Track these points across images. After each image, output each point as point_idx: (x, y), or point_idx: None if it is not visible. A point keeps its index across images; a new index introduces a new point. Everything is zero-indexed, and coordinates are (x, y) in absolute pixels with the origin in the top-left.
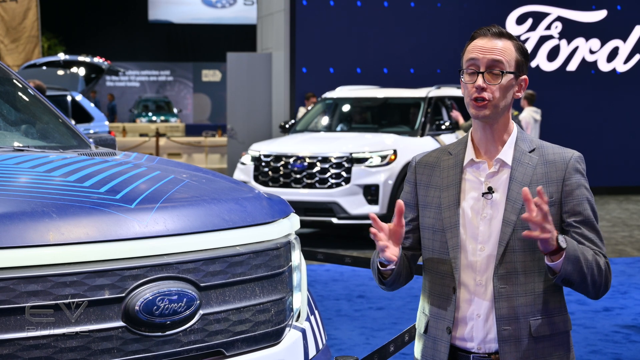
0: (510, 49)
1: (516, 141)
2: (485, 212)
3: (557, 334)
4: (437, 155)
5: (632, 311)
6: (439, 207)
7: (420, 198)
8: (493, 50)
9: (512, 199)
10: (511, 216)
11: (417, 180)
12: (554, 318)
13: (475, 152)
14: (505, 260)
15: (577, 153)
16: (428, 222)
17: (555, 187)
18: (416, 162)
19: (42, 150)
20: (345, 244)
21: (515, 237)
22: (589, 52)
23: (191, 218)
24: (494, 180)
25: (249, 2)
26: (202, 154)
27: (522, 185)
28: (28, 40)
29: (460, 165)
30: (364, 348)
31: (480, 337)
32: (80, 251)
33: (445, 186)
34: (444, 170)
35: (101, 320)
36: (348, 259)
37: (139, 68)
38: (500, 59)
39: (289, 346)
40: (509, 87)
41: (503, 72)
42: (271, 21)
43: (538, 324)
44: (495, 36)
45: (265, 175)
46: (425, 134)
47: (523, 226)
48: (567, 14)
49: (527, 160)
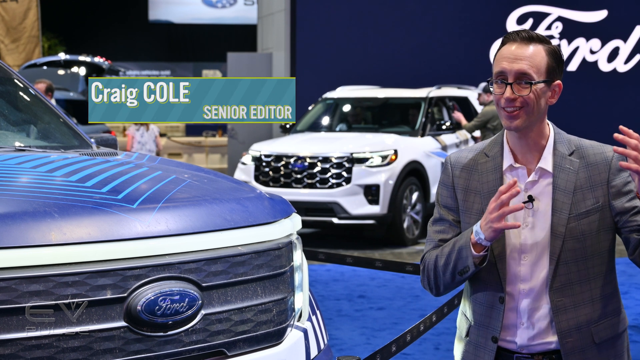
0: (540, 55)
1: (554, 145)
2: (527, 221)
3: (618, 335)
4: (473, 157)
5: (632, 311)
6: (481, 213)
7: (460, 203)
8: (521, 59)
9: (558, 209)
10: (559, 228)
11: (454, 184)
12: (613, 319)
13: (514, 157)
14: (559, 273)
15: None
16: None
17: (600, 191)
18: (452, 164)
19: (44, 150)
20: (346, 244)
21: (565, 248)
22: (590, 52)
23: (193, 218)
24: (534, 188)
25: (250, 2)
26: (203, 154)
27: (567, 193)
28: (28, 40)
29: (500, 170)
30: (365, 348)
31: (524, 343)
32: (82, 251)
33: (486, 192)
34: (482, 174)
35: (103, 320)
36: (349, 259)
37: (139, 68)
38: (528, 70)
39: (291, 346)
40: (540, 96)
41: (532, 83)
42: (271, 21)
43: (599, 329)
44: (525, 41)
45: (266, 175)
46: (425, 134)
47: (572, 236)
48: (567, 14)
49: (569, 165)
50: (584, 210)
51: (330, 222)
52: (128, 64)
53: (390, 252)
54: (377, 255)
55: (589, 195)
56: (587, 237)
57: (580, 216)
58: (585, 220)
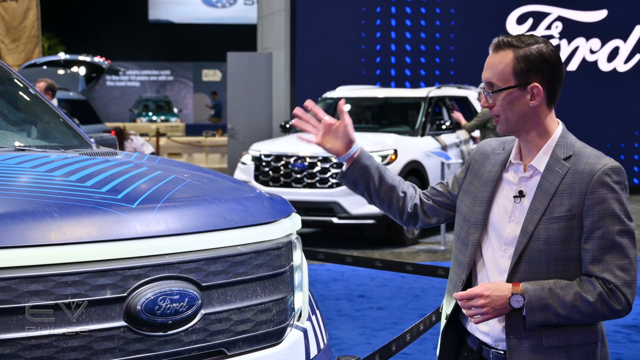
0: (505, 62)
1: (554, 147)
2: (514, 215)
3: (574, 346)
4: (494, 147)
5: (632, 311)
6: (475, 199)
7: (465, 183)
8: (487, 68)
9: (534, 209)
10: (529, 226)
11: (470, 165)
12: (571, 329)
13: (520, 154)
14: (519, 270)
15: (611, 164)
16: (463, 209)
17: (577, 200)
18: (478, 147)
19: (44, 150)
20: (346, 243)
21: (530, 247)
22: (590, 52)
23: (193, 218)
24: (526, 185)
25: (249, 2)
26: (203, 153)
27: (546, 195)
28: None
29: (504, 164)
30: (365, 348)
31: (495, 336)
32: (81, 251)
33: (484, 180)
34: (492, 164)
35: (103, 320)
36: (349, 258)
37: (139, 68)
38: (491, 79)
39: (291, 346)
40: (512, 101)
41: (493, 92)
42: (271, 21)
43: (550, 335)
44: (495, 49)
45: (266, 175)
46: (425, 133)
47: (539, 238)
48: (567, 13)
49: (558, 169)
50: (557, 215)
51: (330, 221)
52: (128, 64)
53: (390, 252)
54: (377, 255)
55: (566, 201)
56: (553, 242)
57: (551, 220)
58: (555, 226)
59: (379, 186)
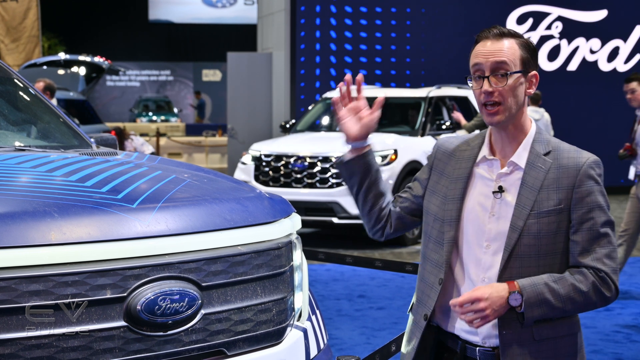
0: (514, 48)
1: (532, 143)
2: (495, 210)
3: (560, 337)
4: (457, 145)
5: (632, 311)
6: (445, 197)
7: (431, 183)
8: (496, 52)
9: (522, 204)
10: (518, 222)
11: (433, 165)
12: (557, 321)
13: (492, 150)
14: (510, 266)
15: (593, 157)
16: (432, 209)
17: (565, 194)
18: (438, 146)
19: (44, 150)
20: (346, 243)
21: (521, 243)
22: (590, 52)
23: (193, 218)
24: (506, 180)
25: (250, 2)
26: (203, 153)
27: (533, 190)
28: (28, 40)
29: (473, 160)
30: (365, 348)
31: (484, 333)
32: (81, 251)
33: (454, 178)
34: (458, 161)
35: (103, 320)
36: (349, 258)
37: (139, 68)
38: (504, 59)
39: (291, 346)
40: (517, 87)
41: (508, 73)
42: (271, 21)
43: (541, 328)
44: (497, 37)
45: (266, 175)
46: (425, 133)
47: (529, 232)
48: (567, 13)
49: (541, 164)
50: (546, 209)
51: (330, 221)
52: (128, 64)
53: (390, 252)
54: (377, 255)
55: (553, 196)
56: (543, 236)
57: (541, 214)
58: (545, 220)
59: (371, 187)
